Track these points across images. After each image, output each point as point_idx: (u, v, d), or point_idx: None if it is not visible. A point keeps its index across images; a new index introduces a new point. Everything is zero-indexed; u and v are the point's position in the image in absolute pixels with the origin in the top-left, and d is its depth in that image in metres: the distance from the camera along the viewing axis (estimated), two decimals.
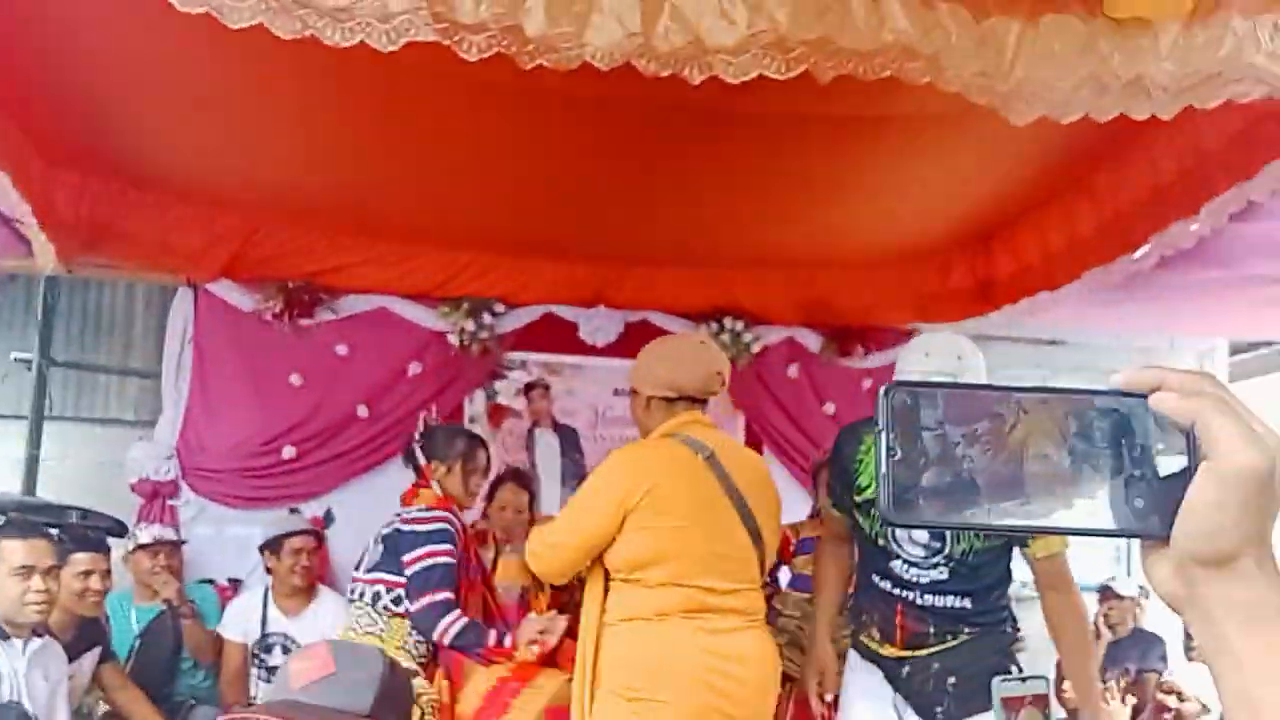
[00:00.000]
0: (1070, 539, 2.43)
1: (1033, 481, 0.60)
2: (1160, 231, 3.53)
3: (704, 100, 2.33)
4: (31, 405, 4.84)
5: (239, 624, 4.12)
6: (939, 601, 2.57)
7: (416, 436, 3.46)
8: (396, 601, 3.14)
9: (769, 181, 3.81)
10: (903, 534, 2.55)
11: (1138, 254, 3.71)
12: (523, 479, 4.35)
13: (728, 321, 5.11)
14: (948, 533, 2.49)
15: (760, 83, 2.20)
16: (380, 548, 3.23)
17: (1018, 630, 2.69)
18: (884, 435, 0.60)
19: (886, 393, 0.61)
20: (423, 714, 3.01)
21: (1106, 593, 5.01)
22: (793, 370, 5.29)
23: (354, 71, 3.02)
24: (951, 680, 2.53)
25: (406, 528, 3.19)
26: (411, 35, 2.05)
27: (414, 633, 3.15)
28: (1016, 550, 2.65)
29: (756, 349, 5.18)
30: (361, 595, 3.21)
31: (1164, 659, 4.85)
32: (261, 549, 4.20)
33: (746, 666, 2.58)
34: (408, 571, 3.11)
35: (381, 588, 3.17)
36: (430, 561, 3.10)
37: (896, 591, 2.61)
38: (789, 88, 2.26)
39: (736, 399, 5.21)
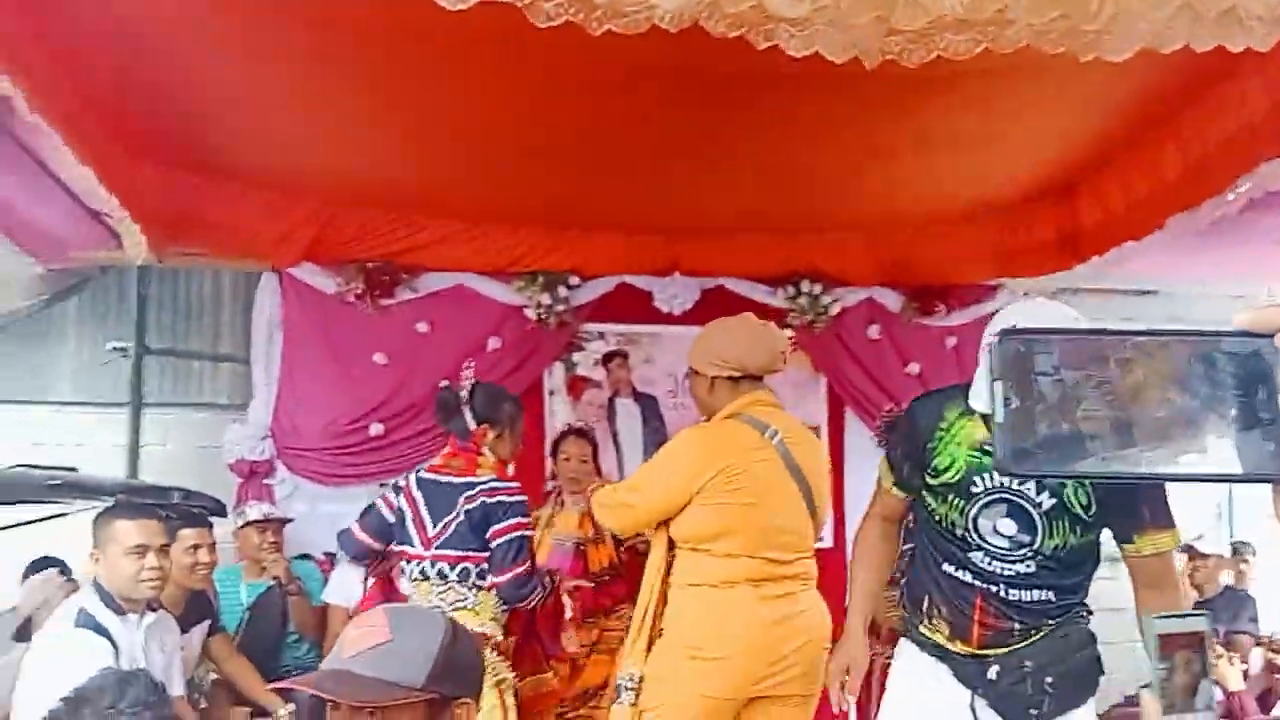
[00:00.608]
0: (1180, 535, 2.21)
1: (1156, 427, 0.58)
2: (1249, 172, 3.41)
3: (774, 62, 2.32)
4: (130, 393, 5.02)
5: (342, 591, 4.26)
6: (1025, 596, 2.27)
7: (464, 397, 3.29)
8: (481, 575, 3.15)
9: (843, 142, 3.77)
10: (986, 525, 2.24)
11: (1231, 196, 3.58)
12: (583, 432, 4.37)
13: (804, 284, 5.08)
14: (1040, 526, 2.19)
15: None
16: (464, 523, 3.16)
17: (1090, 614, 2.39)
18: (999, 385, 0.59)
19: (1000, 341, 0.60)
20: (501, 696, 3.04)
21: (1192, 552, 4.90)
22: (873, 331, 5.23)
23: (423, 51, 3.06)
24: (1048, 679, 2.25)
25: (493, 500, 3.15)
26: None
27: (501, 604, 3.18)
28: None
29: (835, 311, 5.14)
30: (442, 574, 3.15)
31: (1254, 620, 4.73)
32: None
33: (799, 626, 2.78)
34: (495, 543, 3.12)
35: (470, 564, 3.15)
36: (519, 533, 3.13)
37: (976, 583, 2.30)
38: None
39: (817, 362, 5.19)
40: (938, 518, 2.36)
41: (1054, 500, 2.17)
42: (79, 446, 5.28)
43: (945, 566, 2.35)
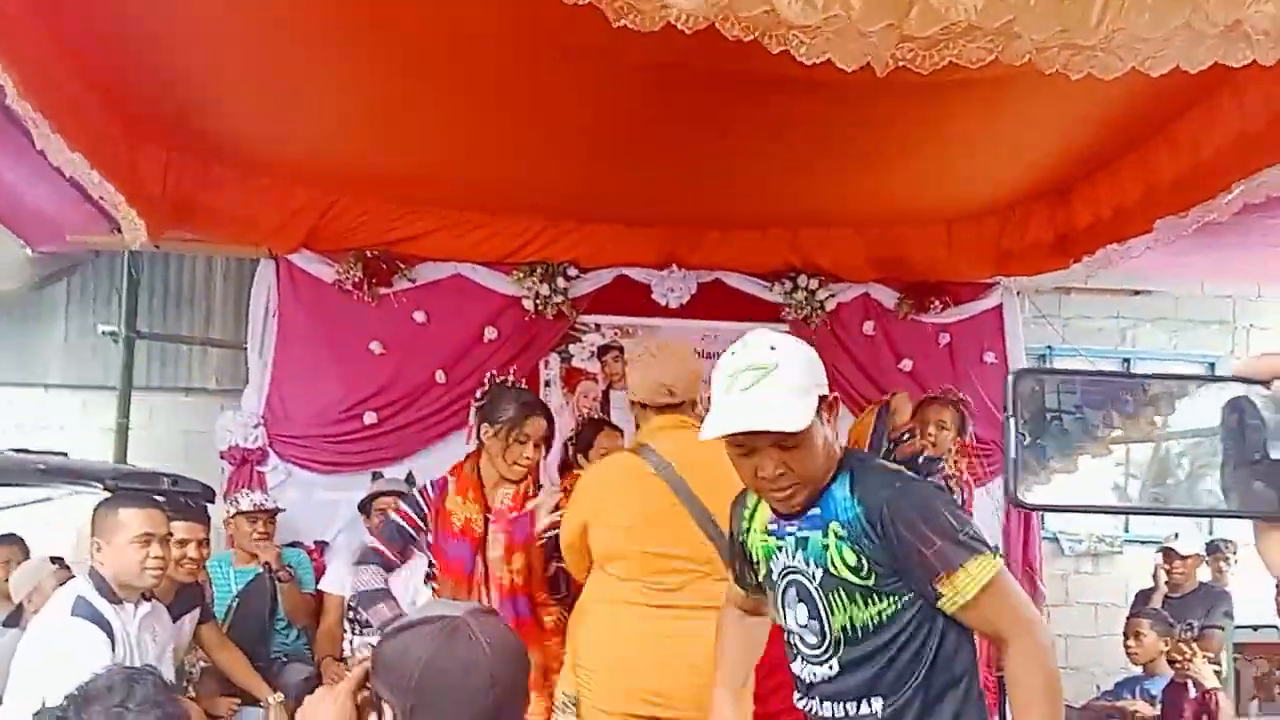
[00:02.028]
0: (988, 575, 1.72)
1: (1155, 465, 0.62)
2: (1247, 179, 3.44)
3: (775, 66, 2.32)
4: (120, 376, 4.99)
5: (338, 580, 4.26)
6: (838, 711, 1.91)
7: (478, 395, 3.24)
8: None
9: (843, 142, 3.77)
10: (790, 616, 1.95)
11: (1224, 201, 3.61)
12: (617, 426, 4.29)
13: (801, 279, 5.09)
14: (819, 602, 1.87)
15: None
16: None
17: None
18: (1013, 421, 0.62)
19: (1015, 379, 0.63)
20: None
21: (1169, 552, 4.98)
22: (868, 327, 5.25)
23: (424, 41, 3.05)
24: None
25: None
26: None
27: None
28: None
29: (831, 306, 5.16)
30: None
31: (1229, 614, 4.79)
32: (360, 509, 4.42)
33: (684, 648, 2.65)
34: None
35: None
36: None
37: (802, 704, 2.00)
38: None
39: None
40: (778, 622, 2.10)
41: (820, 569, 1.86)
42: (63, 429, 5.26)
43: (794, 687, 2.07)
